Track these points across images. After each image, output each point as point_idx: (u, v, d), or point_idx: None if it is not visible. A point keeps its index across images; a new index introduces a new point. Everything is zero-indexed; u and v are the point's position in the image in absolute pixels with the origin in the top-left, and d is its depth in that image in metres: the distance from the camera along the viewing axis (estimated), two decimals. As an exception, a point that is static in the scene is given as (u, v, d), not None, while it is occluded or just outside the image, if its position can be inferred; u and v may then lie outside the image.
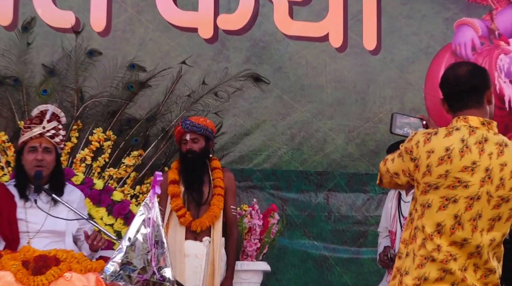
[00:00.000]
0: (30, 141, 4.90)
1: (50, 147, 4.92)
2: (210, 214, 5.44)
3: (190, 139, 5.48)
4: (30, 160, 4.86)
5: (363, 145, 6.66)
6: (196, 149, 5.47)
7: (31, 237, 4.83)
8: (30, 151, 4.89)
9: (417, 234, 3.21)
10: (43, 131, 4.90)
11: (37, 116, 4.96)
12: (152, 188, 4.00)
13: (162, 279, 3.92)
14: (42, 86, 5.90)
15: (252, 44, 6.57)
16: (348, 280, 6.46)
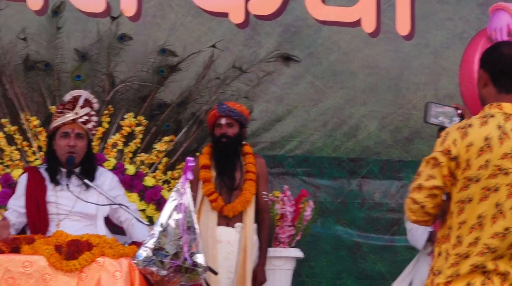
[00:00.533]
0: (62, 127, 4.92)
1: (82, 133, 4.94)
2: (242, 199, 5.44)
3: (225, 123, 5.48)
4: (62, 146, 4.89)
5: (396, 131, 6.60)
6: (230, 134, 5.48)
7: (61, 220, 4.85)
8: (62, 136, 4.91)
9: (451, 233, 3.14)
10: (76, 117, 4.91)
11: (70, 101, 4.97)
12: (184, 173, 4.00)
13: (194, 264, 3.90)
14: (76, 71, 5.89)
15: (284, 30, 6.51)
16: (382, 268, 6.41)
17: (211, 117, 5.54)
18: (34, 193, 4.87)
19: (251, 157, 5.58)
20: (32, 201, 4.86)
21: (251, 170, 5.53)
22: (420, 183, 3.10)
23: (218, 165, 5.52)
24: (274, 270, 5.67)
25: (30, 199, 4.87)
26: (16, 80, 5.83)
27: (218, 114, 5.49)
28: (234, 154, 5.55)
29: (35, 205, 4.85)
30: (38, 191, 4.88)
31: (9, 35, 5.86)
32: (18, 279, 3.82)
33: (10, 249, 3.93)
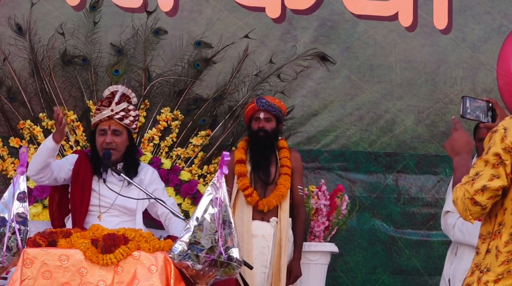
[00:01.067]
0: (100, 123, 4.95)
1: (120, 129, 4.95)
2: (277, 194, 5.43)
3: (264, 117, 5.49)
4: (99, 143, 4.93)
5: (433, 126, 6.55)
6: (268, 128, 5.49)
7: (102, 212, 4.89)
8: (100, 133, 4.95)
9: (503, 230, 3.07)
10: (112, 113, 4.93)
11: (107, 97, 4.99)
12: (219, 168, 4.00)
13: (229, 259, 3.91)
14: (115, 67, 5.93)
15: (320, 24, 6.49)
16: (417, 264, 6.38)
17: (249, 110, 5.54)
18: (83, 173, 4.91)
19: (286, 152, 5.58)
20: (78, 181, 4.89)
21: (286, 165, 5.52)
22: (484, 185, 3.00)
23: (253, 160, 5.52)
24: (309, 264, 5.66)
25: (76, 179, 4.91)
26: (54, 75, 5.89)
27: (257, 108, 5.50)
28: (270, 149, 5.56)
29: (80, 186, 4.88)
30: (86, 174, 4.91)
31: (47, 31, 5.93)
32: (55, 273, 3.85)
33: (47, 243, 3.96)
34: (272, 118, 5.52)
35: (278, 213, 5.47)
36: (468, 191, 3.06)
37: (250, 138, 5.57)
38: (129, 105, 4.99)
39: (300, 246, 5.54)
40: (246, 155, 5.55)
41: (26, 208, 4.01)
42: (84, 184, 4.88)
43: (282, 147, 5.61)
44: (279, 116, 5.55)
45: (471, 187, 3.05)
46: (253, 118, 5.52)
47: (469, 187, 3.06)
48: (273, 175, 5.52)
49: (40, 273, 3.85)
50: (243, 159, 5.51)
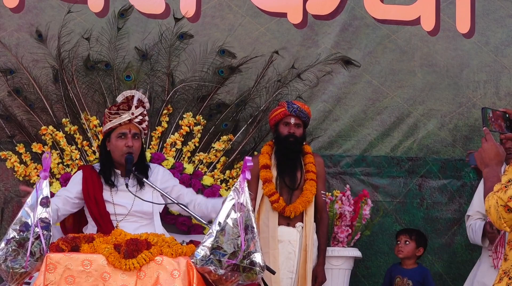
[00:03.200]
0: (118, 128, 4.95)
1: (138, 133, 4.98)
2: (303, 199, 5.44)
3: (294, 123, 5.50)
4: (120, 147, 4.92)
5: (456, 130, 6.52)
6: (298, 134, 5.50)
7: (119, 220, 4.90)
8: (119, 137, 4.94)
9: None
10: (132, 117, 4.93)
11: (123, 102, 4.99)
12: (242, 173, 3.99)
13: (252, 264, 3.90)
14: (126, 72, 5.94)
15: (342, 29, 6.48)
16: (440, 269, 6.35)
17: (279, 114, 5.53)
18: (92, 190, 4.92)
19: (311, 157, 5.58)
20: (91, 199, 4.91)
21: (311, 170, 5.52)
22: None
23: (279, 165, 5.52)
24: (332, 269, 5.66)
25: (88, 197, 4.93)
26: (77, 80, 5.92)
27: (288, 113, 5.50)
28: (297, 154, 5.56)
29: (94, 202, 4.91)
30: (95, 189, 4.93)
31: (70, 37, 5.95)
32: (78, 278, 3.86)
33: (70, 248, 3.97)
34: (301, 124, 5.54)
35: (303, 218, 5.47)
36: (502, 198, 3.02)
37: (277, 143, 5.56)
38: (144, 110, 5.02)
39: (324, 251, 5.54)
40: (271, 160, 5.54)
41: (49, 213, 4.02)
42: (97, 199, 4.90)
43: (307, 152, 5.61)
44: (307, 122, 5.59)
45: (504, 194, 3.02)
46: (282, 123, 5.52)
47: (502, 194, 3.03)
48: (298, 181, 5.51)
49: (63, 278, 3.86)
50: (268, 165, 5.51)
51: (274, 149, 5.58)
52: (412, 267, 5.62)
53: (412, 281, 5.52)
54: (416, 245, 5.65)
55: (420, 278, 5.55)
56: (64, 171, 5.82)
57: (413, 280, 5.53)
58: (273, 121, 5.58)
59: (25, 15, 6.05)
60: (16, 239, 3.96)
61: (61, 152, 5.87)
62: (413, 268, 5.61)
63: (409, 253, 5.63)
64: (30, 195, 4.01)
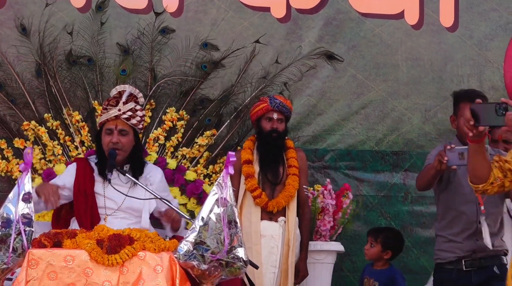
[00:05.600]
0: (106, 123, 4.94)
1: (126, 129, 4.94)
2: (286, 194, 5.42)
3: (277, 118, 5.47)
4: (106, 142, 4.92)
5: (440, 124, 6.53)
6: (280, 129, 5.48)
7: (108, 214, 4.88)
8: (106, 133, 4.94)
9: None
10: (119, 113, 4.91)
11: (114, 97, 4.98)
12: (225, 167, 3.98)
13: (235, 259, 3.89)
14: (121, 66, 5.93)
15: (325, 23, 6.48)
16: (425, 263, 6.36)
17: (261, 109, 5.50)
18: (83, 183, 4.91)
19: (293, 152, 5.57)
20: (80, 192, 4.90)
21: (294, 165, 5.51)
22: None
23: (262, 160, 5.50)
24: (315, 264, 5.65)
25: (77, 190, 4.91)
26: (59, 75, 5.89)
27: (270, 108, 5.47)
28: (279, 149, 5.54)
29: (83, 195, 4.89)
30: (86, 181, 4.92)
31: (52, 32, 5.92)
32: (60, 273, 3.83)
33: (52, 244, 3.95)
34: (284, 118, 5.52)
35: (286, 212, 5.46)
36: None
37: (260, 138, 5.54)
38: (136, 105, 4.98)
39: (306, 245, 5.54)
40: (253, 155, 5.53)
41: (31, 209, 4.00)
42: (87, 191, 4.88)
43: (289, 147, 5.60)
44: (288, 116, 5.57)
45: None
46: (264, 118, 5.49)
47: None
48: (281, 175, 5.50)
49: (46, 274, 3.84)
50: (250, 160, 5.49)
51: (256, 144, 5.56)
52: (381, 268, 5.52)
53: (379, 282, 5.46)
54: (382, 248, 5.52)
55: (387, 280, 5.45)
56: (46, 166, 5.80)
57: (380, 282, 5.45)
58: (255, 117, 5.55)
59: (7, 10, 6.02)
60: (-3, 235, 3.94)
61: (43, 148, 5.84)
62: (382, 269, 5.51)
63: (373, 256, 5.52)
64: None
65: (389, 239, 5.51)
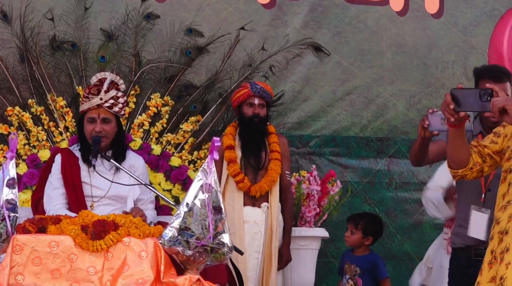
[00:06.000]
0: (88, 112, 4.95)
1: (109, 117, 4.96)
2: (268, 179, 5.44)
3: (258, 103, 5.48)
4: (89, 131, 4.93)
5: (424, 110, 6.51)
6: (262, 115, 5.49)
7: (95, 201, 4.89)
8: (89, 121, 4.95)
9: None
10: (101, 102, 4.92)
11: (95, 85, 4.98)
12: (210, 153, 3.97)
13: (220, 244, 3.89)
14: (100, 53, 5.90)
15: (311, 9, 6.47)
16: (409, 249, 6.39)
17: (242, 95, 5.51)
18: (70, 175, 4.91)
19: (275, 137, 5.59)
20: (68, 184, 4.90)
21: (275, 150, 5.52)
22: None
23: (244, 145, 5.51)
24: (299, 250, 5.67)
25: (65, 181, 4.92)
26: (42, 61, 5.86)
27: (251, 93, 5.48)
28: (261, 135, 5.55)
29: (71, 186, 4.89)
30: (73, 172, 4.92)
31: (35, 16, 5.88)
32: (45, 259, 3.82)
33: (37, 229, 3.94)
34: (265, 104, 5.53)
35: (269, 198, 5.47)
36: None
37: (242, 124, 5.55)
38: (117, 92, 4.99)
39: (289, 230, 5.56)
40: (235, 141, 5.53)
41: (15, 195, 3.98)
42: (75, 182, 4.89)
43: (271, 132, 5.61)
44: (270, 102, 5.59)
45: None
46: (246, 104, 5.50)
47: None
48: (263, 161, 5.52)
49: (30, 260, 3.83)
50: (232, 145, 5.50)
51: (238, 130, 5.57)
52: (362, 254, 5.54)
53: (360, 268, 5.48)
54: (362, 235, 5.54)
55: (369, 265, 5.47)
56: (30, 152, 5.77)
57: (361, 268, 5.48)
58: (236, 103, 5.56)
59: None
60: (-18, 221, 3.93)
61: (28, 133, 5.82)
62: (362, 255, 5.52)
63: (354, 243, 5.54)
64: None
65: (370, 225, 5.54)
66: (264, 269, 5.41)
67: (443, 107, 3.37)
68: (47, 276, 3.82)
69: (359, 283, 5.45)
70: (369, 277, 5.44)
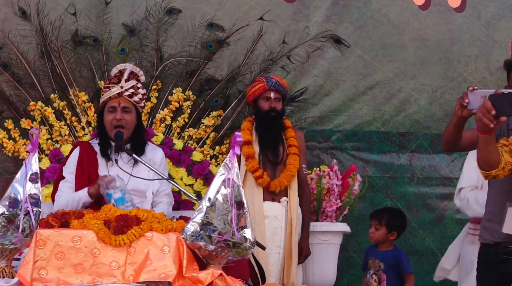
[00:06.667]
0: (109, 101, 4.95)
1: (129, 106, 4.95)
2: (287, 174, 5.44)
3: (275, 97, 5.48)
4: (109, 120, 4.92)
5: (447, 105, 6.52)
6: (278, 108, 5.49)
7: None
8: (109, 111, 4.94)
9: None
10: (121, 90, 4.92)
11: (115, 75, 4.98)
12: (231, 148, 3.97)
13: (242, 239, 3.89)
14: (120, 45, 5.91)
15: (332, 3, 6.45)
16: (431, 244, 6.37)
17: (258, 89, 5.51)
18: (86, 167, 4.91)
19: (292, 131, 5.59)
20: (84, 176, 4.90)
21: (293, 144, 5.52)
22: None
23: (261, 140, 5.51)
24: (320, 244, 5.66)
25: (81, 174, 4.92)
26: (64, 56, 5.88)
27: (267, 87, 5.48)
28: (278, 129, 5.55)
29: (87, 179, 4.88)
30: (90, 165, 4.92)
31: (57, 11, 5.90)
32: (68, 253, 3.84)
33: (60, 224, 3.95)
34: (281, 98, 5.53)
35: (288, 192, 5.46)
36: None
37: (258, 118, 5.54)
38: (137, 83, 4.99)
39: (307, 224, 5.56)
40: (252, 136, 5.53)
41: (38, 189, 4.00)
42: (91, 176, 4.88)
43: (288, 126, 5.60)
44: (285, 95, 5.60)
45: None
46: (262, 98, 5.50)
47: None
48: (281, 155, 5.51)
49: (53, 254, 3.84)
50: (250, 140, 5.50)
51: (255, 124, 5.56)
52: (386, 249, 5.52)
53: (384, 263, 5.46)
54: (387, 230, 5.51)
55: (393, 260, 5.45)
56: (53, 147, 5.80)
57: (385, 263, 5.46)
58: (252, 97, 5.56)
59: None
60: (5, 215, 3.94)
61: (50, 128, 5.84)
62: (386, 250, 5.50)
63: (379, 239, 5.52)
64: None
65: (394, 220, 5.52)
66: (285, 263, 5.41)
67: (480, 114, 3.32)
68: (70, 271, 3.84)
69: (383, 278, 5.43)
70: (393, 272, 5.43)
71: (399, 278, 5.45)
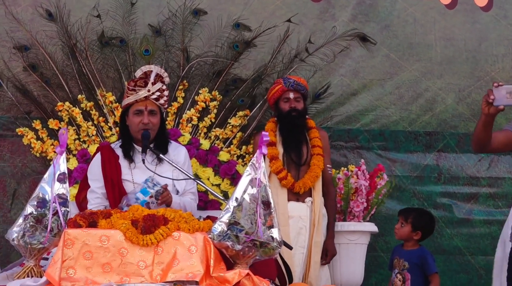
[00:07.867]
0: (135, 104, 4.93)
1: (155, 109, 4.95)
2: (312, 175, 5.43)
3: (294, 97, 5.48)
4: (136, 123, 4.91)
5: (474, 104, 6.48)
6: (299, 108, 5.48)
7: None
8: (135, 114, 4.92)
9: None
10: (149, 94, 4.91)
11: (141, 77, 4.97)
12: (258, 148, 3.98)
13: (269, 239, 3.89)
14: (143, 46, 5.92)
15: (359, 2, 6.44)
16: (459, 243, 6.33)
17: (277, 91, 5.52)
18: (109, 172, 4.90)
19: (316, 131, 5.57)
20: (107, 181, 4.90)
21: (317, 145, 5.51)
22: None
23: (285, 141, 5.50)
24: (348, 244, 5.65)
25: (105, 179, 4.92)
26: (91, 57, 5.91)
27: (285, 88, 5.49)
28: (301, 129, 5.54)
29: (110, 184, 4.89)
30: (112, 170, 4.91)
31: (83, 12, 5.93)
32: (96, 253, 3.87)
33: (88, 224, 3.98)
34: (301, 97, 5.52)
35: (312, 193, 5.46)
36: None
37: (280, 120, 5.54)
38: (163, 85, 4.99)
39: (333, 224, 5.55)
40: (276, 137, 5.52)
41: (66, 189, 4.04)
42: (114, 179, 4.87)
43: (311, 127, 5.59)
44: (306, 95, 5.59)
45: None
46: (282, 99, 5.51)
47: None
48: (305, 156, 5.50)
49: (81, 254, 3.87)
50: (273, 142, 5.50)
51: (278, 126, 5.56)
52: (411, 249, 5.49)
53: (408, 263, 5.43)
54: (412, 229, 5.47)
55: (417, 260, 5.42)
56: (80, 147, 5.83)
57: (410, 262, 5.43)
58: (272, 100, 5.57)
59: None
60: (33, 215, 3.98)
61: (78, 128, 5.87)
62: (411, 249, 5.47)
63: (403, 236, 5.48)
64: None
65: (419, 219, 5.49)
66: (309, 263, 5.40)
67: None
68: (98, 270, 3.86)
69: (407, 278, 5.41)
70: (417, 272, 5.40)
71: (424, 277, 5.42)
